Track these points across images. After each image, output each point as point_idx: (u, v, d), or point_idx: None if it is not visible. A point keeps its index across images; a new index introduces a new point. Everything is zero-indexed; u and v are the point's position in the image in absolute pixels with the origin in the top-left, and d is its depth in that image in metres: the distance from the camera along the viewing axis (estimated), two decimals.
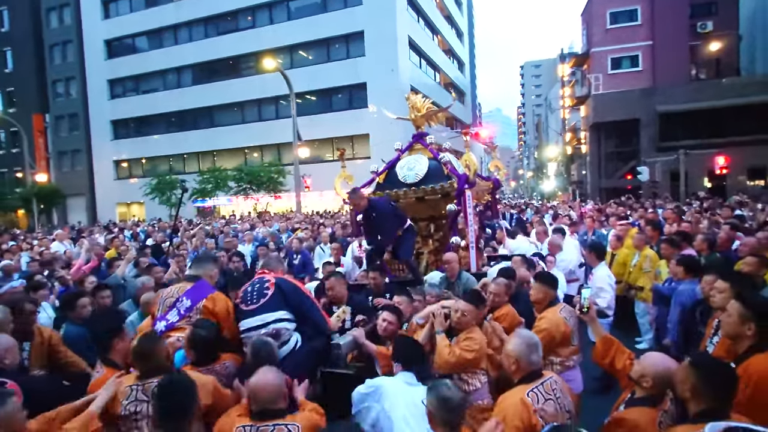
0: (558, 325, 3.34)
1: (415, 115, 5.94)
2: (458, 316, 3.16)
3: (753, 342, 2.45)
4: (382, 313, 3.58)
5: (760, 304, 2.52)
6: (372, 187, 5.90)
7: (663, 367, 2.31)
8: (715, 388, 1.95)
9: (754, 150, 21.93)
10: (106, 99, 35.87)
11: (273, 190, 26.55)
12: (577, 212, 11.75)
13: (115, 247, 8.84)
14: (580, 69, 31.60)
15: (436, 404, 2.07)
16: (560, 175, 38.17)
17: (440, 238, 5.64)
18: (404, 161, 5.77)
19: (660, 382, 2.30)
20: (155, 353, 2.58)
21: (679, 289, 4.52)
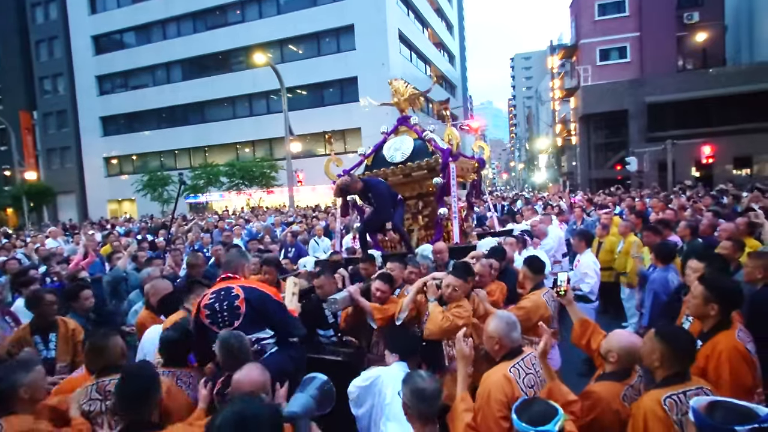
0: (538, 308, 3.53)
1: (398, 99, 6.20)
2: (449, 291, 3.33)
3: (717, 320, 2.61)
4: (374, 282, 3.75)
5: (722, 286, 2.67)
6: (361, 168, 6.15)
7: (627, 342, 2.46)
8: (678, 353, 2.13)
9: (740, 139, 22.29)
10: (95, 95, 35.55)
11: (265, 185, 26.58)
12: (567, 203, 11.97)
13: (110, 243, 8.91)
14: (569, 61, 31.82)
15: (410, 396, 2.03)
16: (551, 167, 38.48)
17: (429, 214, 5.87)
18: (390, 143, 6.02)
19: (625, 357, 2.44)
20: (107, 350, 2.54)
21: (651, 276, 4.70)
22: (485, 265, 3.97)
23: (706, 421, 1.52)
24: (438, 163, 5.38)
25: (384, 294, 3.74)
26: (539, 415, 1.87)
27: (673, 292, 4.33)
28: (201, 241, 8.51)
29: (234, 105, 32.30)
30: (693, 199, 10.13)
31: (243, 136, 31.66)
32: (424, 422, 2.03)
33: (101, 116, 35.67)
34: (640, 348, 2.36)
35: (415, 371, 2.21)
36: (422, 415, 2.02)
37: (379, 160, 6.00)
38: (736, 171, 23.31)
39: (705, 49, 25.74)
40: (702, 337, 2.64)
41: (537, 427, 1.82)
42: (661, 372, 2.16)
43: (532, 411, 1.89)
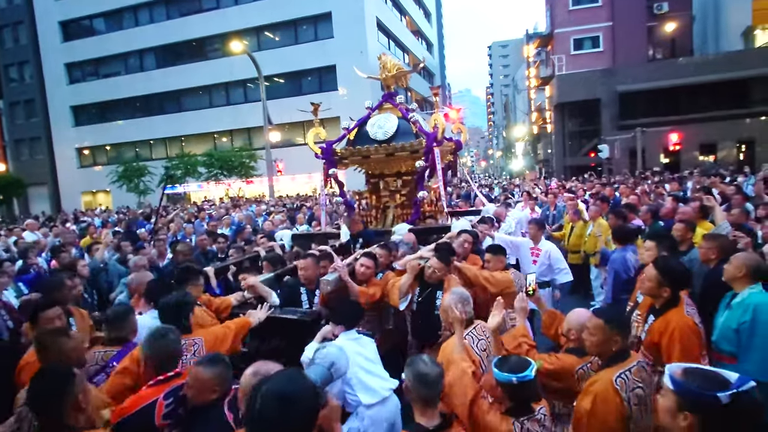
0: (506, 280, 4.00)
1: (385, 75, 6.21)
2: (430, 273, 3.72)
3: (667, 299, 2.94)
4: (360, 258, 4.01)
5: (673, 270, 2.98)
6: (343, 143, 6.23)
7: (583, 319, 2.62)
8: (623, 332, 2.36)
9: (706, 127, 23.17)
10: (65, 84, 34.51)
11: (245, 174, 26.45)
12: (543, 189, 12.44)
13: (90, 235, 8.93)
14: (544, 50, 32.31)
15: (413, 380, 2.04)
16: (528, 154, 39.20)
17: (407, 193, 6.04)
18: (374, 119, 6.06)
19: (579, 331, 2.62)
20: (54, 348, 2.45)
21: (612, 256, 5.06)
22: (461, 243, 4.38)
23: (689, 386, 1.51)
24: (422, 147, 5.53)
25: (369, 270, 3.95)
26: (517, 365, 2.16)
27: (634, 271, 4.74)
28: (184, 231, 8.61)
29: (210, 94, 31.85)
30: (656, 185, 10.66)
31: (220, 125, 31.31)
32: (425, 405, 2.04)
33: (72, 105, 34.69)
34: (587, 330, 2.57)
35: (419, 355, 2.19)
36: (424, 399, 2.03)
37: (362, 136, 6.06)
38: (702, 157, 24.25)
39: (674, 39, 26.52)
40: (654, 313, 2.98)
41: (517, 374, 2.11)
42: (608, 351, 2.35)
43: (510, 363, 2.19)
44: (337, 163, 6.20)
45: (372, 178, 6.45)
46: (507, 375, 2.12)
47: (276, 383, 1.48)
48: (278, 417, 1.41)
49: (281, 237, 6.25)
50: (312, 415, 1.49)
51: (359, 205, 6.48)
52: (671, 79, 23.44)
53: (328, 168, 6.13)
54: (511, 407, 2.18)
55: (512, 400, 2.18)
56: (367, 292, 3.83)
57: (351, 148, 6.01)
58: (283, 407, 1.42)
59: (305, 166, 28.79)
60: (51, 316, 2.96)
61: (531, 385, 2.14)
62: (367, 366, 3.09)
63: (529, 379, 2.11)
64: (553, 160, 29.67)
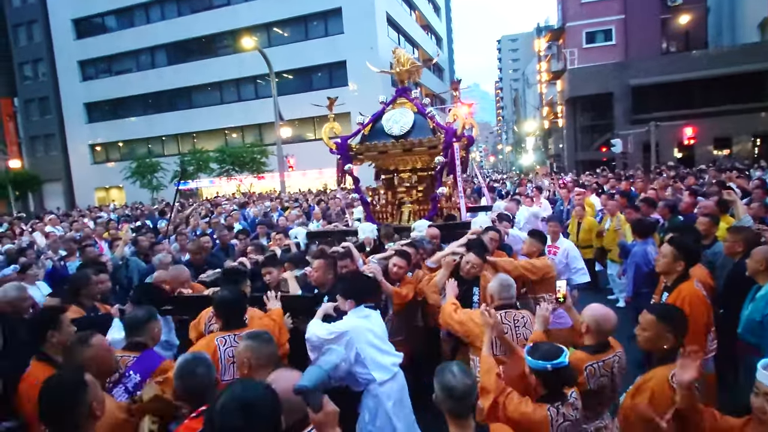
0: (546, 266, 4.19)
1: (399, 69, 6.06)
2: (468, 267, 3.70)
3: (679, 275, 3.16)
4: (393, 257, 3.94)
5: (687, 246, 3.25)
6: (358, 138, 6.08)
7: (599, 314, 2.64)
8: (678, 329, 2.37)
9: (721, 120, 22.88)
10: (78, 81, 34.91)
11: (256, 170, 26.61)
12: (557, 184, 12.40)
13: (108, 231, 9.08)
14: (555, 43, 32.04)
15: (441, 392, 1.93)
16: (538, 149, 38.95)
17: (423, 189, 5.96)
18: (389, 114, 5.91)
19: (596, 328, 2.62)
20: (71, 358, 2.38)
21: (633, 250, 5.08)
22: (489, 240, 4.40)
23: None
24: (441, 142, 5.44)
25: (402, 270, 3.88)
26: (550, 352, 2.17)
27: (654, 264, 4.76)
28: (200, 228, 8.71)
29: (221, 90, 32.03)
30: (673, 179, 10.59)
31: (231, 121, 31.50)
32: (457, 418, 1.92)
33: (85, 102, 35.10)
34: (611, 319, 2.60)
35: (448, 364, 2.03)
36: (453, 413, 1.92)
37: (377, 132, 5.93)
38: (717, 151, 23.97)
39: (688, 32, 26.14)
40: (666, 290, 3.21)
41: (552, 361, 2.13)
42: (663, 348, 2.35)
43: (542, 350, 2.21)
44: (352, 159, 6.07)
45: (386, 174, 6.36)
46: (542, 362, 2.14)
47: (234, 393, 1.50)
48: (242, 426, 1.42)
49: (296, 234, 6.15)
50: (274, 422, 1.50)
51: (374, 201, 6.41)
52: (685, 73, 23.16)
53: (344, 164, 5.99)
54: (546, 394, 2.20)
55: (547, 387, 2.19)
56: (401, 292, 3.78)
57: (367, 144, 5.90)
58: (245, 416, 1.43)
59: (316, 162, 28.91)
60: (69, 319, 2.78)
61: (565, 371, 2.16)
62: (377, 343, 3.12)
63: (563, 366, 2.13)
64: (564, 154, 29.49)
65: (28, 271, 5.34)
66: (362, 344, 3.05)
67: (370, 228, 5.55)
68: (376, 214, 6.04)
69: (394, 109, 6.00)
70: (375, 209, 6.17)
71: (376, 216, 6.03)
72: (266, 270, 4.18)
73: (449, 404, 1.91)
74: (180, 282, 4.04)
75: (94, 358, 2.35)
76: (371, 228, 5.54)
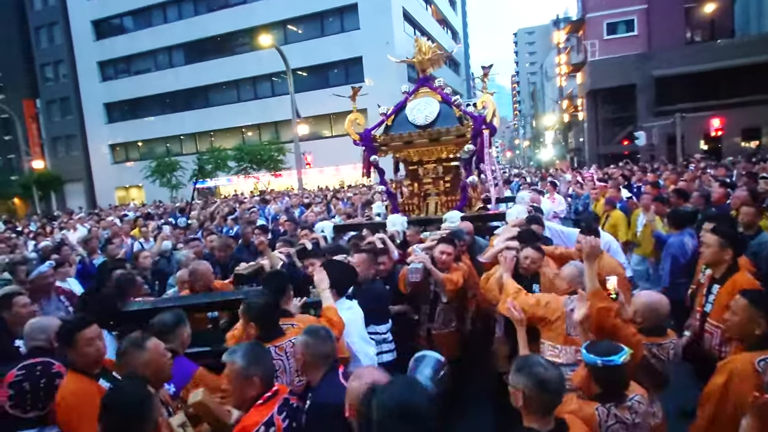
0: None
1: (421, 58, 5.93)
2: (528, 263, 3.45)
3: (729, 265, 3.08)
4: (438, 245, 3.85)
5: (732, 234, 3.19)
6: (381, 129, 6.00)
7: (649, 301, 2.67)
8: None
9: (748, 111, 22.35)
10: (98, 81, 35.65)
11: (274, 168, 26.84)
12: (579, 178, 12.28)
13: (138, 227, 9.30)
14: (575, 35, 31.60)
15: (534, 387, 1.81)
16: (558, 143, 38.52)
17: (450, 179, 5.85)
18: (413, 104, 5.80)
19: (649, 315, 2.65)
20: (124, 363, 2.23)
21: (669, 241, 5.03)
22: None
23: None
24: (469, 130, 5.37)
25: (449, 257, 3.79)
26: (605, 349, 2.12)
27: (691, 255, 4.71)
28: (228, 225, 8.86)
29: (238, 88, 32.39)
30: (702, 171, 10.43)
31: (248, 119, 31.83)
32: (544, 412, 1.84)
33: (105, 102, 35.83)
34: (664, 304, 2.62)
35: (532, 357, 1.99)
36: (545, 408, 1.84)
37: (401, 122, 5.83)
38: (744, 143, 23.43)
39: (713, 21, 25.56)
40: (718, 282, 3.13)
41: (603, 357, 2.07)
42: (750, 335, 2.33)
43: (599, 347, 2.16)
44: (376, 150, 5.99)
45: (410, 165, 6.26)
46: (593, 357, 2.11)
47: (395, 393, 1.39)
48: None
49: (322, 228, 6.05)
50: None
51: (400, 193, 6.36)
52: (711, 62, 22.67)
53: (369, 155, 5.91)
54: (600, 393, 2.14)
55: (599, 384, 2.14)
56: (452, 278, 3.71)
57: (393, 135, 5.82)
58: (405, 421, 1.32)
59: (332, 159, 29.10)
60: (90, 336, 2.41)
61: (618, 370, 2.08)
62: (364, 335, 3.14)
63: (614, 365, 2.06)
64: (585, 148, 29.14)
65: (60, 269, 5.52)
66: (355, 338, 3.03)
67: (399, 220, 5.54)
68: (400, 207, 5.98)
69: (416, 98, 5.90)
70: (399, 201, 6.12)
71: (401, 208, 5.97)
72: (309, 262, 4.14)
73: (543, 398, 1.81)
74: (203, 280, 3.93)
75: (150, 364, 2.20)
76: (401, 220, 5.52)
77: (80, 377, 2.38)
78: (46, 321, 2.86)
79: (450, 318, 3.90)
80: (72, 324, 2.49)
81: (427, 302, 3.93)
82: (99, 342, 2.48)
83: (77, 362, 2.41)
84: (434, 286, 3.83)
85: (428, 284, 3.81)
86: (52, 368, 2.46)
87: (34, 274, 4.79)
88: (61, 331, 2.49)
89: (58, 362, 2.50)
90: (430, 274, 3.69)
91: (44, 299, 4.54)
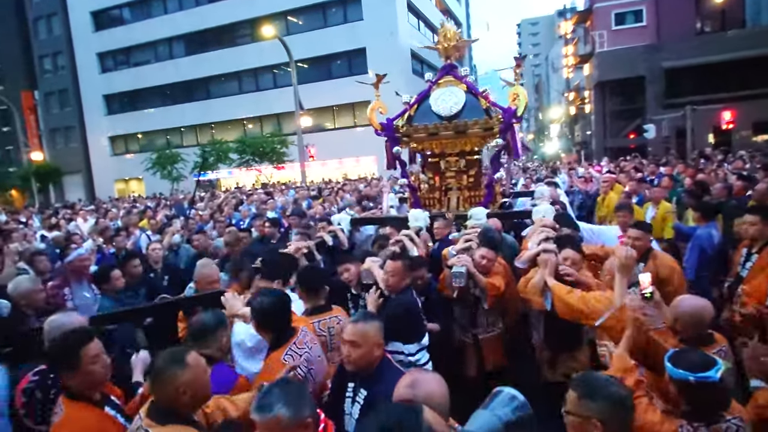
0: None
1: (446, 45, 5.75)
2: (569, 264, 3.25)
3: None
4: (479, 250, 3.75)
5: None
6: (404, 119, 5.84)
7: (691, 307, 2.45)
8: None
9: (760, 104, 22.14)
10: (97, 73, 35.47)
11: (276, 160, 26.73)
12: (593, 171, 12.20)
13: (147, 218, 9.24)
14: (582, 26, 31.35)
15: (613, 408, 1.66)
16: (564, 136, 38.35)
17: (474, 174, 5.70)
18: (437, 93, 5.59)
19: (692, 322, 2.42)
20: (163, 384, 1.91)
21: (697, 233, 4.94)
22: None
23: None
24: (499, 123, 5.22)
25: (490, 262, 3.67)
26: (697, 362, 1.86)
27: (717, 247, 4.66)
28: (241, 214, 8.79)
29: (240, 80, 32.22)
30: (718, 164, 10.37)
31: (250, 111, 31.68)
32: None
33: (104, 94, 35.67)
34: (709, 310, 2.42)
35: (602, 378, 1.80)
36: (625, 427, 1.72)
37: (424, 112, 5.64)
38: (755, 137, 23.26)
39: (724, 11, 25.26)
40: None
41: (697, 373, 1.83)
42: None
43: (688, 359, 1.90)
44: (399, 141, 5.82)
45: (431, 157, 6.08)
46: (683, 373, 1.85)
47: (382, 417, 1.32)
48: None
49: (339, 221, 5.93)
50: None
51: (419, 186, 6.24)
52: (721, 54, 22.43)
53: (392, 146, 5.78)
54: (688, 411, 1.90)
55: (689, 403, 1.90)
56: (495, 283, 3.58)
57: (416, 126, 5.65)
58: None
59: (335, 152, 29.00)
60: (93, 353, 2.08)
61: (715, 387, 1.82)
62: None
63: (712, 381, 1.81)
64: (592, 141, 28.99)
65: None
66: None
67: (422, 216, 5.32)
68: (425, 200, 5.85)
69: (440, 87, 5.69)
70: (419, 195, 5.96)
71: (424, 202, 5.83)
72: (343, 268, 3.87)
73: (624, 419, 1.68)
74: (209, 282, 3.71)
75: (192, 383, 1.89)
76: (423, 215, 5.31)
77: (83, 406, 2.04)
78: (66, 319, 2.63)
79: (494, 320, 3.79)
80: (75, 337, 2.11)
81: (468, 307, 3.80)
82: (105, 357, 2.14)
83: (78, 385, 2.05)
84: (475, 290, 3.66)
85: (469, 288, 3.65)
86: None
87: (73, 256, 4.69)
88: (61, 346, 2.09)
89: None
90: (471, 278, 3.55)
91: (75, 282, 4.47)
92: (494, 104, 5.39)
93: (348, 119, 30.87)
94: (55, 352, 2.14)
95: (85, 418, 2.01)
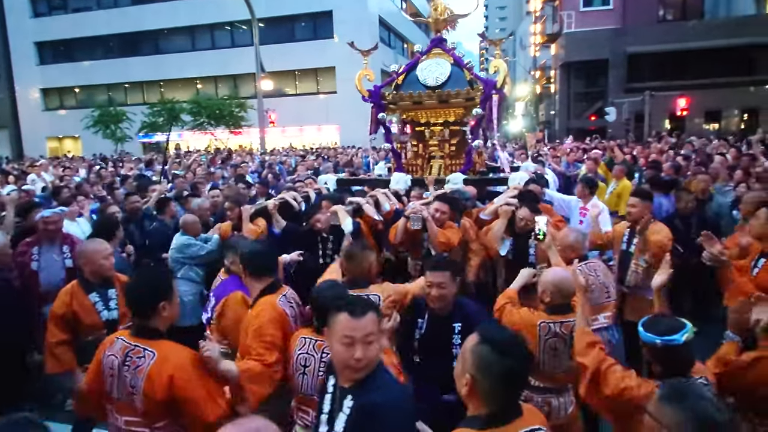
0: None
1: (436, 17, 6.30)
2: (522, 225, 4.11)
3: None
4: (434, 203, 4.31)
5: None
6: (391, 87, 6.41)
7: (557, 278, 2.79)
8: None
9: (712, 93, 24.17)
10: (28, 17, 33.29)
11: (234, 125, 26.45)
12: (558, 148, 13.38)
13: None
14: (551, 4, 32.52)
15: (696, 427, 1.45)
16: (528, 115, 39.88)
17: (456, 143, 6.32)
18: (425, 64, 6.16)
19: (556, 292, 2.76)
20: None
21: None
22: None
23: None
24: (480, 94, 5.83)
25: (444, 215, 4.19)
26: (665, 327, 2.08)
27: (665, 216, 5.66)
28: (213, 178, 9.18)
29: (194, 36, 31.32)
30: (671, 148, 11.78)
31: (204, 70, 30.93)
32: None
33: (36, 41, 33.58)
34: (570, 282, 2.71)
35: (693, 396, 1.54)
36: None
37: (411, 81, 6.23)
38: (706, 125, 25.42)
39: (685, 1, 27.08)
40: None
41: (663, 336, 2.03)
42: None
43: (658, 324, 2.12)
44: (385, 108, 6.41)
45: (417, 126, 6.66)
46: (651, 336, 2.07)
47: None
48: None
49: (326, 181, 6.57)
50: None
51: (404, 153, 6.88)
52: (680, 43, 24.16)
53: (377, 112, 6.35)
54: (659, 372, 2.12)
55: (660, 365, 2.12)
56: (446, 234, 4.12)
57: (402, 93, 6.23)
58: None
59: (296, 118, 29.03)
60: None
61: (680, 350, 2.04)
62: None
63: (676, 344, 2.01)
64: (555, 121, 30.52)
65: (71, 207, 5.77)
66: None
67: (404, 178, 6.10)
68: (408, 165, 6.51)
69: (428, 59, 6.27)
70: (402, 162, 6.56)
71: (408, 168, 6.48)
72: (315, 219, 4.65)
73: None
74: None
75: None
76: (405, 178, 6.04)
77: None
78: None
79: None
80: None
81: (419, 257, 4.42)
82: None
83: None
84: (427, 242, 4.27)
85: (422, 239, 4.32)
86: None
87: (49, 212, 4.57)
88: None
89: None
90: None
91: (46, 245, 4.47)
92: (476, 76, 6.08)
93: (311, 85, 30.87)
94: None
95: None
